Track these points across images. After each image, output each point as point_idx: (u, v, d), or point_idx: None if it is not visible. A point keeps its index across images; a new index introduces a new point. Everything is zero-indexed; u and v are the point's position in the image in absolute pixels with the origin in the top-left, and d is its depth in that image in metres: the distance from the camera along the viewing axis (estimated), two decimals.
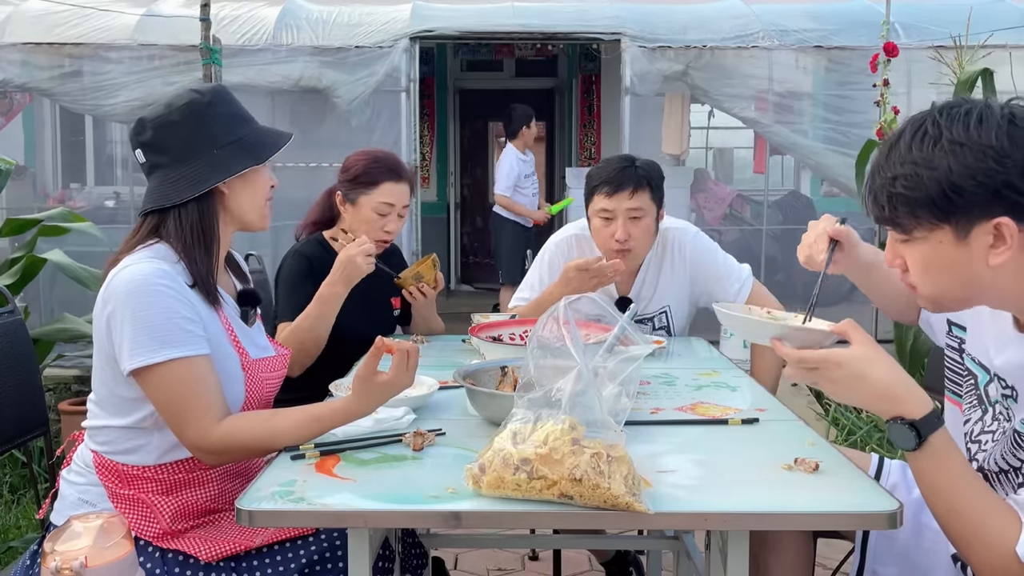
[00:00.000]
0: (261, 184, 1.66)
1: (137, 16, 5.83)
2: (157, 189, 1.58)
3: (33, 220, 3.81)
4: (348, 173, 2.36)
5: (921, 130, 1.19)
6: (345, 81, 5.70)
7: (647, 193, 2.37)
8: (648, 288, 2.55)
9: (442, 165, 9.27)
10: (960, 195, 1.15)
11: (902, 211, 1.21)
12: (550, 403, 1.23)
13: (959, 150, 1.15)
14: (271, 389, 1.68)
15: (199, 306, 1.54)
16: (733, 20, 5.96)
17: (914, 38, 5.57)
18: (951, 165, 1.15)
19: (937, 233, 1.19)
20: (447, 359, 2.20)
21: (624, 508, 1.16)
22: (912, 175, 1.18)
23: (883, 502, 1.20)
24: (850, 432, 3.99)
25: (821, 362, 1.23)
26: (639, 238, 2.39)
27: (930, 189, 1.17)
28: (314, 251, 2.38)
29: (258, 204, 1.66)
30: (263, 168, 1.65)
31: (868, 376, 1.21)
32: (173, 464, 1.56)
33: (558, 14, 6.16)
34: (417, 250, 5.98)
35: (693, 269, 2.54)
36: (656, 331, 2.57)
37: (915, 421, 1.18)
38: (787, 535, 1.55)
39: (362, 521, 1.22)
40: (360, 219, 2.35)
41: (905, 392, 1.20)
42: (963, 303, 1.28)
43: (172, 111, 1.57)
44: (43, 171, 7.06)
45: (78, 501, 1.58)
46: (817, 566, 1.76)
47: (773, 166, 7.00)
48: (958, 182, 1.15)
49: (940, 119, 1.18)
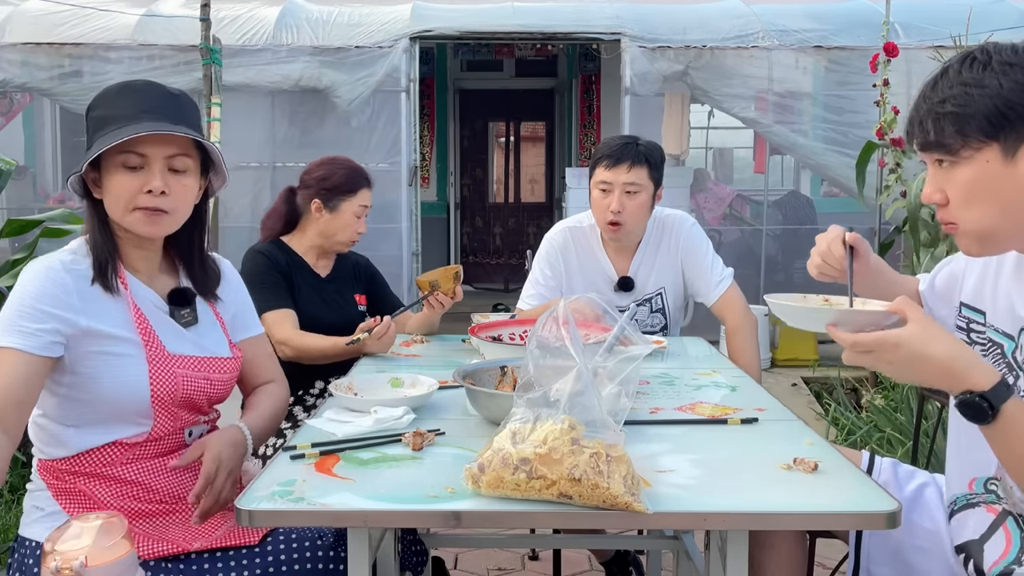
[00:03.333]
0: (114, 187, 1.52)
1: (137, 16, 5.84)
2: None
3: (34, 221, 3.81)
4: (327, 182, 2.46)
5: (969, 58, 1.23)
6: (345, 81, 5.71)
7: (645, 170, 2.48)
8: (646, 268, 2.64)
9: (442, 165, 9.27)
10: (1012, 109, 1.18)
11: (949, 131, 1.22)
12: (549, 403, 1.23)
13: (1010, 70, 1.19)
14: (198, 390, 1.59)
15: (90, 298, 1.50)
16: (733, 20, 5.96)
17: (914, 38, 5.57)
18: (1002, 83, 1.19)
19: (985, 152, 1.21)
20: (447, 359, 2.20)
21: (623, 508, 1.16)
22: (962, 95, 1.21)
23: (882, 502, 1.20)
24: (850, 432, 3.99)
25: (877, 344, 1.21)
26: (633, 212, 2.49)
27: (981, 105, 1.19)
28: (271, 249, 2.46)
29: (118, 208, 1.53)
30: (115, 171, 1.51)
31: (928, 354, 1.18)
32: (91, 453, 1.52)
33: (558, 14, 6.16)
34: (417, 250, 5.99)
35: (684, 256, 2.63)
36: (653, 313, 2.65)
37: (985, 393, 1.16)
38: (782, 534, 1.55)
39: (362, 521, 1.22)
40: (339, 223, 2.47)
41: (968, 366, 1.18)
42: (1001, 239, 1.26)
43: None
44: (43, 171, 7.06)
45: (32, 509, 1.55)
46: (816, 566, 1.76)
47: (773, 166, 7.01)
48: (1010, 96, 1.18)
49: (988, 47, 1.23)
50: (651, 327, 2.65)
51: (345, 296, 2.54)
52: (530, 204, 10.28)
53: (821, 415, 4.38)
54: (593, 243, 2.66)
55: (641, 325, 2.64)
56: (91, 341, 1.49)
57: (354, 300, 2.56)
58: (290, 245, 2.50)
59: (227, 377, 1.67)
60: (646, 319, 2.65)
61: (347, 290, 2.56)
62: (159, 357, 1.55)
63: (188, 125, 1.55)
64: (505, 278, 9.76)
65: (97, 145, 1.50)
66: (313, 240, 2.50)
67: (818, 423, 4.19)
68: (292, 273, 2.43)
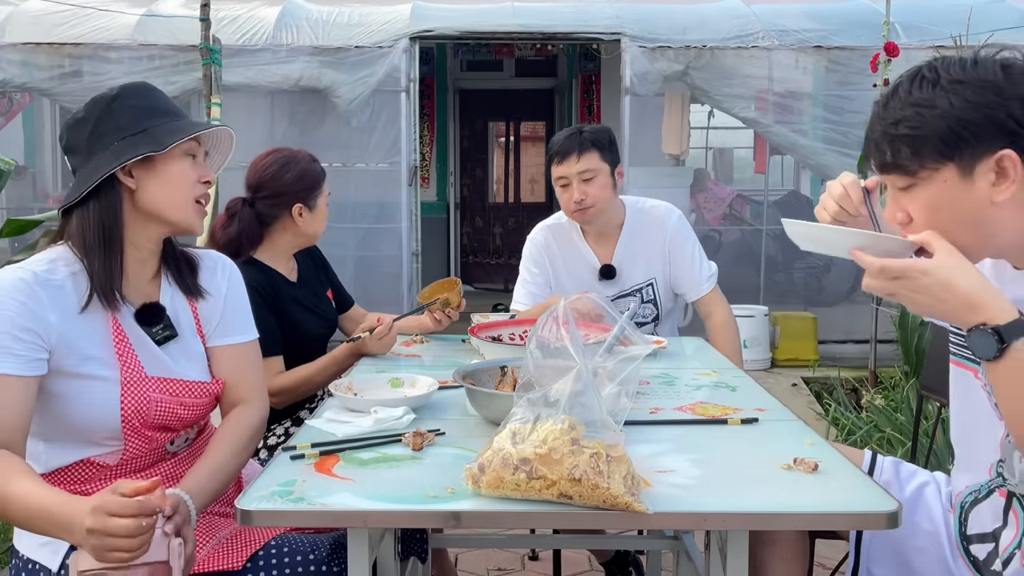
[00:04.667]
0: (177, 177, 1.49)
1: (137, 16, 5.84)
2: (69, 192, 1.49)
3: (34, 221, 3.80)
4: (304, 182, 2.26)
5: (919, 77, 1.22)
6: (345, 81, 5.71)
7: (595, 154, 2.52)
8: (630, 257, 2.65)
9: (442, 165, 9.27)
10: (965, 128, 1.17)
11: (905, 152, 1.21)
12: (549, 403, 1.23)
13: (959, 87, 1.18)
14: (171, 415, 1.52)
15: (67, 313, 1.42)
16: (733, 20, 5.96)
17: (914, 38, 5.57)
18: (952, 102, 1.18)
19: (942, 172, 1.20)
20: (447, 359, 2.20)
21: (623, 508, 1.16)
22: (915, 116, 1.20)
23: (882, 502, 1.20)
24: (850, 432, 3.99)
25: (905, 271, 1.19)
26: (595, 195, 2.53)
27: (934, 126, 1.18)
28: (255, 278, 2.19)
29: (174, 200, 1.49)
30: (178, 161, 1.49)
31: (955, 284, 1.17)
32: (65, 471, 1.48)
33: (558, 14, 6.16)
34: (417, 250, 5.99)
35: (672, 247, 2.65)
36: (644, 303, 2.66)
37: (999, 326, 1.15)
38: (782, 534, 1.55)
39: (362, 521, 1.22)
40: (319, 219, 2.31)
41: (992, 299, 1.17)
42: (969, 252, 1.26)
43: (80, 109, 1.49)
44: (43, 171, 7.07)
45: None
46: (816, 566, 1.76)
47: (773, 166, 7.01)
48: (962, 116, 1.17)
49: (936, 64, 1.22)
50: (642, 317, 2.66)
51: (320, 296, 2.44)
52: (530, 204, 10.27)
53: (821, 415, 4.38)
54: (574, 236, 2.69)
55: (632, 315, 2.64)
56: (64, 359, 1.42)
57: (328, 299, 2.48)
58: (262, 260, 2.27)
59: (203, 402, 1.58)
60: (637, 309, 2.66)
61: (319, 289, 2.45)
62: (134, 379, 1.48)
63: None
64: (505, 278, 9.75)
65: (186, 126, 1.49)
66: (286, 246, 2.31)
67: (818, 423, 4.19)
68: (276, 293, 2.24)
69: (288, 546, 1.47)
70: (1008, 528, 1.37)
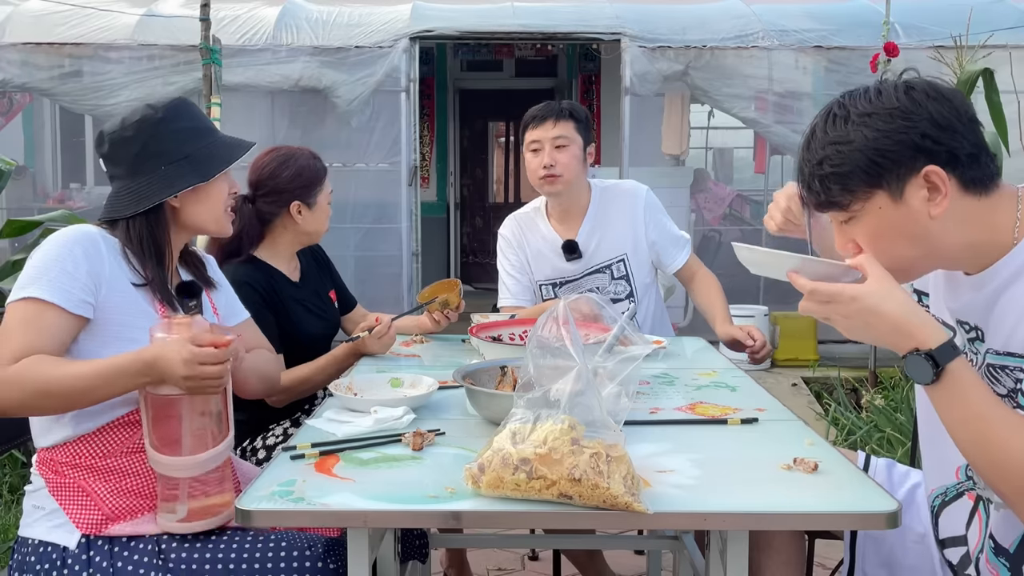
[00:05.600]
0: (215, 196, 1.68)
1: (137, 16, 5.84)
2: (111, 200, 1.64)
3: (34, 221, 3.80)
4: (302, 179, 2.25)
5: (830, 115, 1.26)
6: (345, 81, 5.71)
7: (571, 123, 2.56)
8: (596, 234, 2.66)
9: (442, 165, 9.27)
10: (884, 156, 1.21)
11: (836, 189, 1.25)
12: (549, 403, 1.23)
13: (868, 119, 1.22)
14: None
15: (119, 273, 1.56)
16: (733, 20, 5.96)
17: (914, 38, 5.57)
18: (866, 134, 1.22)
19: (874, 200, 1.23)
20: (447, 359, 2.20)
21: (623, 508, 1.16)
22: (835, 154, 1.24)
23: (882, 502, 1.20)
24: (850, 432, 3.99)
25: (835, 296, 1.23)
26: (566, 163, 2.55)
27: (855, 160, 1.22)
28: (255, 277, 2.21)
29: (214, 215, 1.70)
30: (218, 180, 1.67)
31: (882, 310, 1.20)
32: (90, 438, 1.53)
33: (558, 14, 6.16)
34: (417, 250, 5.98)
35: (648, 221, 2.67)
36: (615, 280, 2.66)
37: (931, 351, 1.18)
38: (781, 534, 1.55)
39: (362, 521, 1.22)
40: (319, 217, 2.30)
41: (920, 324, 1.20)
42: (920, 266, 1.30)
43: (126, 127, 1.61)
44: (43, 171, 7.06)
45: (32, 509, 1.56)
46: (816, 566, 1.77)
47: (773, 166, 7.00)
48: (877, 146, 1.21)
49: (844, 100, 1.26)
50: (615, 294, 2.66)
51: (323, 297, 2.43)
52: None
53: (821, 415, 4.38)
54: (538, 221, 2.71)
55: (604, 292, 2.65)
56: (108, 313, 1.53)
57: (330, 299, 2.47)
58: (263, 259, 2.27)
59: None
60: (608, 286, 2.66)
61: (322, 290, 2.44)
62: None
63: None
64: None
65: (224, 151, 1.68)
66: (288, 245, 2.31)
67: (818, 423, 4.19)
68: (277, 292, 2.24)
69: (286, 541, 1.49)
70: (972, 531, 1.37)
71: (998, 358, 1.27)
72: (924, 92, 1.22)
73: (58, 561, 1.48)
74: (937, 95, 1.22)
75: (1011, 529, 1.29)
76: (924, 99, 1.21)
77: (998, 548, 1.31)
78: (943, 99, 1.22)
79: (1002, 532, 1.30)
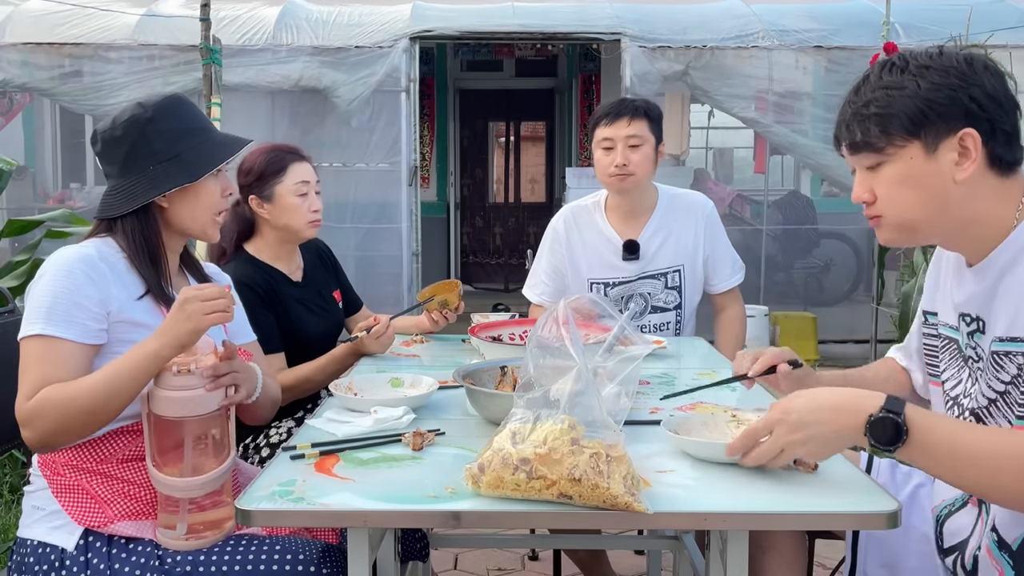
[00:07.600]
0: (204, 198, 1.64)
1: (137, 16, 5.84)
2: (103, 198, 1.64)
3: (34, 221, 3.81)
4: (252, 174, 2.25)
5: (888, 64, 1.32)
6: (345, 81, 5.71)
7: (644, 122, 2.52)
8: (658, 238, 2.61)
9: (442, 165, 9.27)
10: (932, 107, 1.26)
11: (874, 131, 1.30)
12: (549, 403, 1.23)
13: (926, 72, 1.27)
14: None
15: (125, 289, 1.56)
16: (733, 20, 5.96)
17: (914, 38, 5.57)
18: (920, 84, 1.27)
19: (908, 149, 1.28)
20: (447, 359, 2.20)
21: (623, 508, 1.16)
22: (884, 97, 1.29)
23: (882, 502, 1.20)
24: None
25: (769, 423, 1.24)
26: (638, 163, 2.52)
27: (902, 105, 1.27)
28: (253, 276, 2.22)
29: (201, 218, 1.66)
30: (207, 181, 1.63)
31: (820, 403, 1.22)
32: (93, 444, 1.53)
33: (558, 14, 6.16)
34: (417, 250, 5.98)
35: (708, 232, 2.64)
36: (668, 289, 2.62)
37: (884, 407, 1.18)
38: (782, 534, 1.55)
39: (362, 521, 1.22)
40: (283, 210, 2.25)
41: (856, 394, 1.23)
42: (923, 231, 1.33)
43: (116, 126, 1.60)
44: (43, 171, 7.07)
45: (31, 509, 1.56)
46: (816, 566, 1.77)
47: (773, 166, 7.00)
48: (928, 96, 1.26)
49: (905, 54, 1.32)
50: (664, 303, 2.62)
51: (326, 297, 2.43)
52: (530, 204, 10.27)
53: None
54: (596, 217, 2.66)
55: (654, 298, 2.61)
56: (119, 333, 1.54)
57: (334, 299, 2.47)
58: (257, 256, 2.29)
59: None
60: (659, 293, 2.62)
61: (325, 290, 2.44)
62: None
63: None
64: (505, 278, 9.76)
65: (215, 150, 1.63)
66: (275, 241, 2.30)
67: None
68: (276, 291, 2.24)
69: (280, 545, 1.49)
70: (974, 535, 1.37)
71: (1002, 344, 1.29)
72: (983, 64, 1.28)
73: (56, 562, 1.48)
74: (994, 71, 1.29)
75: (1016, 525, 1.29)
76: (982, 69, 1.27)
77: (1001, 543, 1.31)
78: (999, 76, 1.28)
79: (1006, 527, 1.30)
